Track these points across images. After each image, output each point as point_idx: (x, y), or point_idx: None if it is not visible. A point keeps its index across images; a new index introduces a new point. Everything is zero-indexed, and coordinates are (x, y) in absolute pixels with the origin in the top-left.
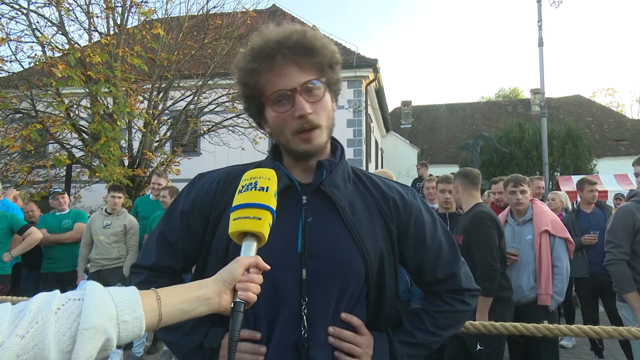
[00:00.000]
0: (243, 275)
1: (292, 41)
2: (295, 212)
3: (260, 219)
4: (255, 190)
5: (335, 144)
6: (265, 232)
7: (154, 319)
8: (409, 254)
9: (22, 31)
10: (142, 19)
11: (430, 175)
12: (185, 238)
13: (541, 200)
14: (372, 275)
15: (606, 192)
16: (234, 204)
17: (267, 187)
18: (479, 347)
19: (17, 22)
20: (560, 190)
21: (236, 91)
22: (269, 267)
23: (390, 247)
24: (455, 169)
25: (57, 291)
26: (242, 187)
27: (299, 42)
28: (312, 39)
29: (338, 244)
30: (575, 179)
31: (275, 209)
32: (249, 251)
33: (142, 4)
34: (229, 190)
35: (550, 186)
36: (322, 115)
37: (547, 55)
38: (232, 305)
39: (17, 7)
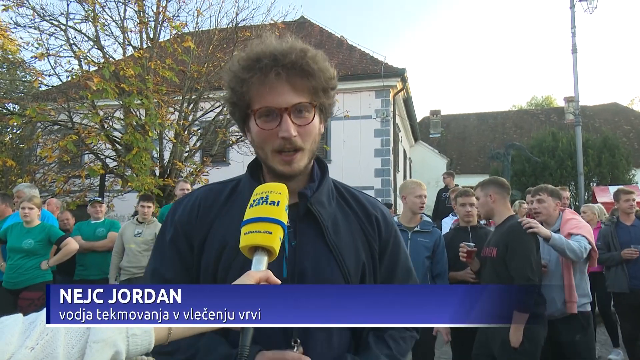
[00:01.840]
0: None
1: (289, 60)
2: None
3: (271, 233)
4: (266, 204)
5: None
6: (276, 246)
7: (163, 333)
8: (381, 273)
9: (61, 46)
10: (174, 32)
11: (456, 185)
12: (180, 270)
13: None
14: None
15: None
16: (245, 218)
17: (278, 202)
18: None
19: (56, 37)
20: (597, 201)
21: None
22: (280, 282)
23: (371, 260)
24: (485, 178)
25: None
26: (254, 201)
27: (295, 63)
28: (310, 61)
29: (321, 266)
30: (613, 189)
31: (286, 224)
32: (260, 265)
33: (174, 18)
34: (211, 212)
35: (586, 197)
36: (307, 139)
37: (582, 62)
38: None
39: (56, 23)
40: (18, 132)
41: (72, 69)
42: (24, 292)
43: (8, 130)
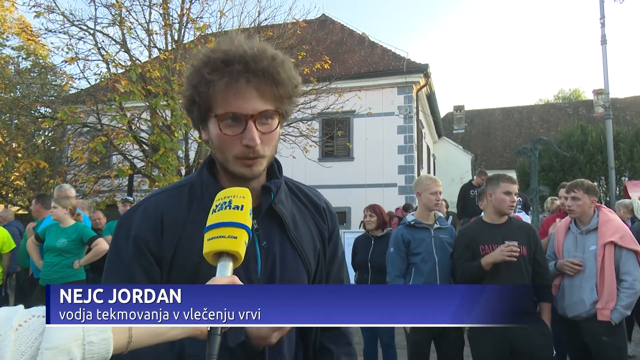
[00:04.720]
0: None
1: (260, 67)
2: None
3: (236, 237)
4: (229, 209)
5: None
6: (242, 251)
7: (123, 341)
8: (322, 264)
9: (89, 50)
10: (198, 33)
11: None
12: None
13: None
14: (310, 279)
15: None
16: (207, 224)
17: (242, 206)
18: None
19: (84, 42)
20: (629, 196)
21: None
22: None
23: (322, 246)
24: (511, 174)
25: (21, 306)
26: (216, 206)
27: (266, 70)
28: (280, 68)
29: (287, 261)
30: None
31: (251, 228)
32: (225, 271)
33: (198, 19)
34: (176, 224)
35: (618, 192)
36: (268, 146)
37: (611, 54)
38: (208, 329)
39: (84, 28)
40: (50, 134)
41: (101, 72)
42: None
43: (40, 132)
